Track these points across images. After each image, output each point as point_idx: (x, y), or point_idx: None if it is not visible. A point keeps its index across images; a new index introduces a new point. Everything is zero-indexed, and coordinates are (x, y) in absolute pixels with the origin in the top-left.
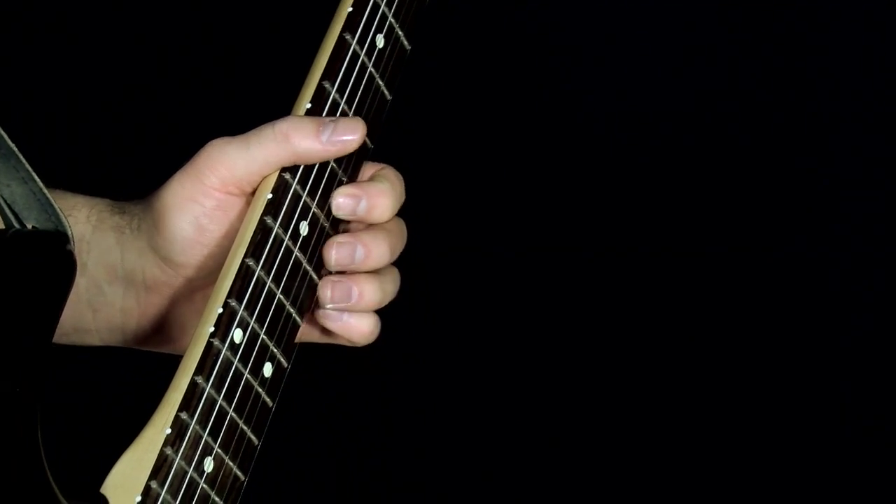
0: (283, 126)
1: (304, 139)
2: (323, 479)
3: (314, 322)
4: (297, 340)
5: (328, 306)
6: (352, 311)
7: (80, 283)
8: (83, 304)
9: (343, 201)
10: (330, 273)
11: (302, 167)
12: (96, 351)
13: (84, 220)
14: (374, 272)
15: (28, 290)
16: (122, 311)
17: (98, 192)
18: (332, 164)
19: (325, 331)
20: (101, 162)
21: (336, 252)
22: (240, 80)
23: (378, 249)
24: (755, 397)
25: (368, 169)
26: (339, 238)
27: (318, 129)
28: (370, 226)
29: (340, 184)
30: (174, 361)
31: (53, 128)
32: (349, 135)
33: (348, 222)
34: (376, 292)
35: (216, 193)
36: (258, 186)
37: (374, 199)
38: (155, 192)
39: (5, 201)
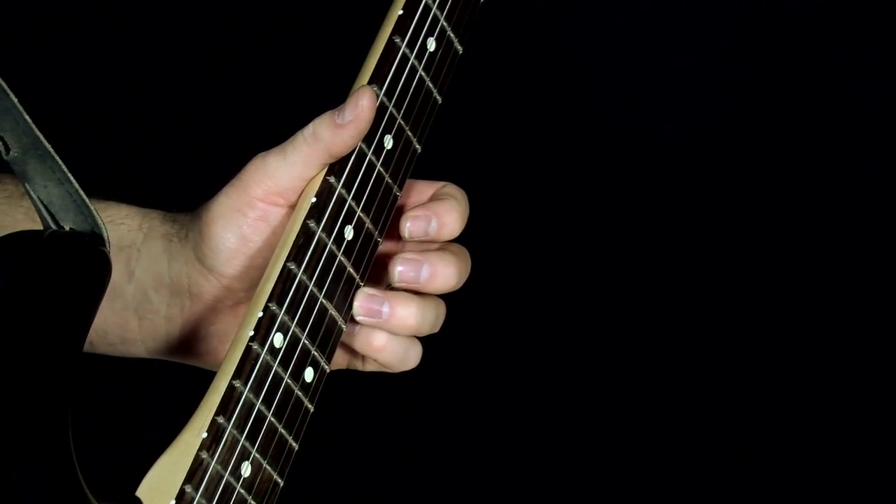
0: (310, 128)
1: (326, 131)
2: (351, 483)
3: (348, 349)
4: (331, 369)
5: (358, 318)
6: (382, 330)
7: (128, 289)
8: (129, 312)
9: (413, 224)
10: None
11: (347, 171)
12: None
13: (136, 229)
14: (416, 295)
15: (64, 290)
16: (166, 319)
17: (148, 202)
18: (379, 167)
19: (364, 358)
20: (153, 174)
21: (401, 268)
22: (290, 85)
23: (445, 271)
24: (755, 397)
25: (428, 187)
26: (407, 255)
27: (333, 116)
28: (439, 247)
29: (388, 187)
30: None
31: (103, 139)
32: (359, 103)
33: (396, 228)
34: (411, 316)
35: (260, 204)
36: (303, 191)
37: (444, 217)
38: (203, 204)
39: (42, 202)
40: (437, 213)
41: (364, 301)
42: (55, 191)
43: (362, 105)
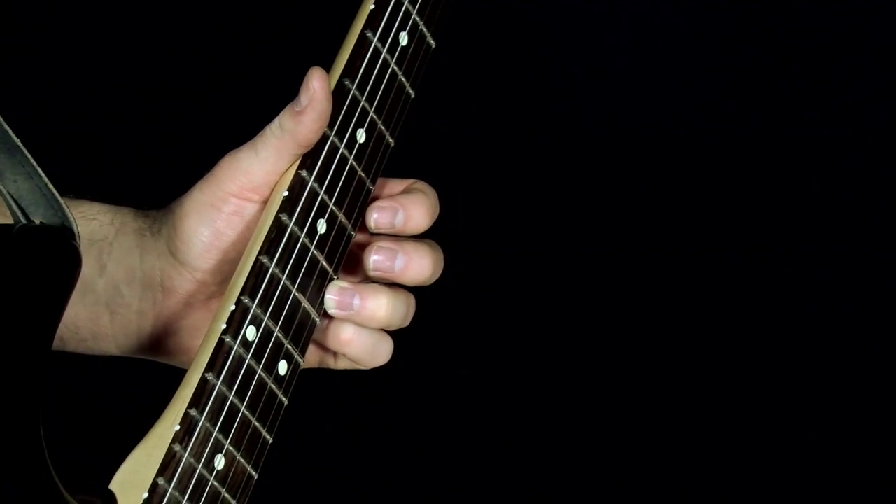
0: (276, 121)
1: (289, 121)
2: (326, 476)
3: (319, 346)
4: (303, 367)
5: (330, 310)
6: (353, 323)
7: (99, 283)
8: (101, 306)
9: (379, 215)
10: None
11: (319, 165)
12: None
13: (108, 224)
14: (387, 288)
15: (34, 284)
16: (138, 314)
17: (119, 200)
18: (352, 161)
19: (335, 354)
20: (123, 172)
21: (376, 256)
22: (262, 79)
23: (420, 262)
24: (755, 397)
25: (398, 184)
26: (381, 243)
27: (292, 105)
28: (413, 239)
29: (360, 181)
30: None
31: (75, 137)
32: (310, 85)
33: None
34: (381, 308)
35: (234, 199)
36: (275, 185)
37: (410, 209)
38: (176, 199)
39: (12, 196)
40: (403, 205)
41: (336, 294)
42: (25, 185)
43: (313, 87)
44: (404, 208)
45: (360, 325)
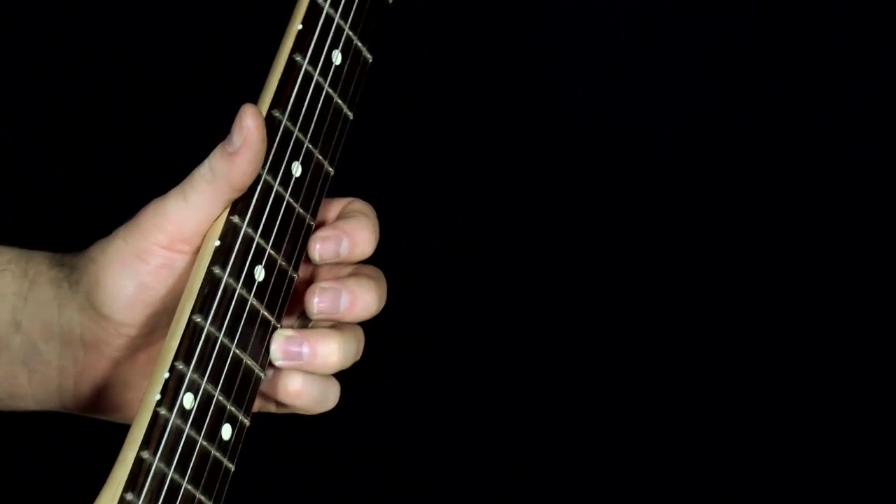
0: (205, 164)
1: (222, 163)
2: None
3: (261, 395)
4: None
5: (277, 362)
6: (302, 371)
7: (15, 341)
8: (17, 365)
9: (322, 247)
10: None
11: (252, 207)
12: (42, 421)
13: (21, 275)
14: (335, 329)
15: None
16: (58, 371)
17: (31, 241)
18: (288, 198)
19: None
20: (37, 204)
21: (318, 299)
22: (188, 114)
23: (365, 297)
24: (756, 398)
25: (334, 205)
26: (323, 284)
27: (224, 146)
28: (354, 272)
29: (300, 218)
30: (123, 429)
31: None
32: (243, 124)
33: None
34: (333, 353)
35: (162, 252)
36: (206, 234)
37: (354, 235)
38: (97, 244)
39: None
40: (346, 231)
41: (282, 344)
42: None
43: (247, 126)
44: (348, 236)
45: (313, 372)
